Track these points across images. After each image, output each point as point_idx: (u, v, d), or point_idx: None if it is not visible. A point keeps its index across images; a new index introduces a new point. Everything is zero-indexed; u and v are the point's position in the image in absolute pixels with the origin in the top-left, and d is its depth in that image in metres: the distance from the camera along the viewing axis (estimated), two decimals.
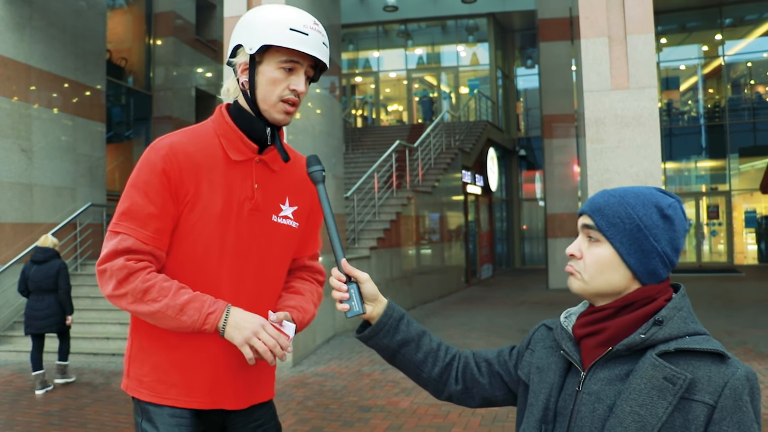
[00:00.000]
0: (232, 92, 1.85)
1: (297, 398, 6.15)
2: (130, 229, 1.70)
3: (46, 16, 10.12)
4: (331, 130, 9.50)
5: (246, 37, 1.74)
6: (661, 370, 1.17)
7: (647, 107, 6.67)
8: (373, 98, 23.27)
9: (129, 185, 1.74)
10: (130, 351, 1.87)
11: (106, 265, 1.70)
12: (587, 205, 1.32)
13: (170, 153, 1.74)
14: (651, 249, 1.26)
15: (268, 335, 1.70)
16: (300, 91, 1.76)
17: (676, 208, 1.29)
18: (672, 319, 1.23)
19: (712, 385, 1.15)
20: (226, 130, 1.82)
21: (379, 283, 10.69)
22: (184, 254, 1.77)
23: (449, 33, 22.25)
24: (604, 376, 1.25)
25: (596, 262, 1.29)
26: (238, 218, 1.80)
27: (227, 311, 1.72)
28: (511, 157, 22.56)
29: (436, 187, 14.31)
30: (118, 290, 1.69)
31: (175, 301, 1.68)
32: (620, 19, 6.81)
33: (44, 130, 10.17)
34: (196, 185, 1.75)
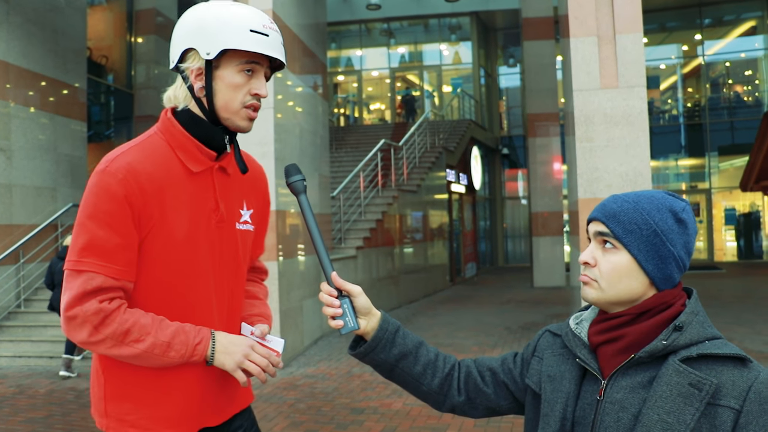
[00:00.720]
0: (182, 100, 1.70)
1: (288, 401, 6.08)
2: (96, 266, 1.53)
3: (24, 13, 9.94)
4: (316, 128, 9.43)
5: (199, 40, 1.61)
6: (685, 377, 1.16)
7: (636, 106, 6.69)
8: (356, 97, 23.21)
9: (84, 217, 1.56)
10: (104, 391, 1.68)
11: (76, 309, 1.53)
12: (600, 212, 1.29)
13: (129, 177, 1.56)
14: (668, 254, 1.25)
15: (259, 356, 1.63)
16: (263, 95, 1.67)
17: (689, 211, 1.28)
18: (691, 324, 1.22)
19: (737, 389, 1.15)
20: (181, 141, 1.66)
21: (364, 283, 10.69)
22: (154, 280, 1.63)
23: (432, 32, 22.24)
24: (626, 384, 1.23)
25: (614, 270, 1.26)
26: (206, 233, 1.69)
27: (213, 338, 1.63)
28: (494, 155, 22.62)
29: (420, 186, 14.29)
30: (94, 336, 1.53)
31: (159, 338, 1.56)
32: (609, 18, 6.82)
33: (23, 129, 9.99)
34: (161, 208, 1.61)
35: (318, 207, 9.36)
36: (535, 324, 9.69)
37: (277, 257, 7.49)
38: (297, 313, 8.12)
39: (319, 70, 9.78)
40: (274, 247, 7.48)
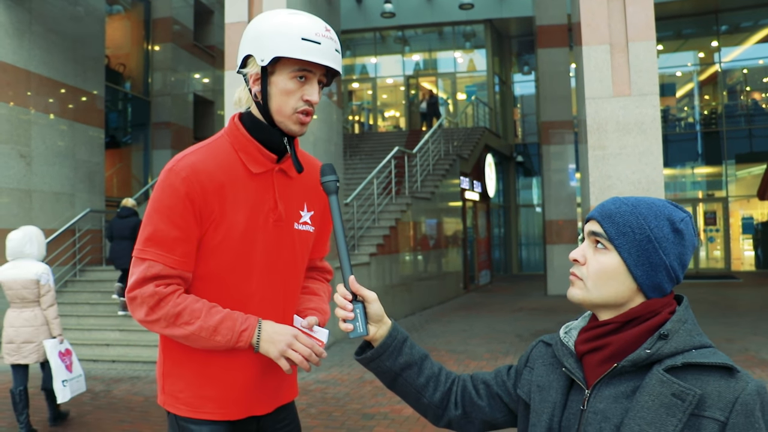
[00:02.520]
0: (245, 102, 1.82)
1: (300, 405, 6.13)
2: (157, 255, 1.68)
3: (45, 22, 10.11)
4: (330, 136, 9.50)
5: (256, 47, 1.70)
6: (669, 387, 1.13)
7: (649, 114, 6.70)
8: (371, 104, 23.29)
9: (151, 210, 1.71)
10: (162, 367, 1.86)
11: (136, 292, 1.68)
12: (597, 211, 1.28)
13: (192, 175, 1.70)
14: (659, 262, 1.22)
15: (302, 345, 1.70)
16: (314, 101, 1.74)
17: (688, 223, 1.26)
18: (677, 332, 1.19)
19: (723, 400, 1.11)
20: (243, 144, 1.78)
21: (378, 289, 10.72)
22: (210, 272, 1.76)
23: (446, 39, 22.29)
24: (609, 393, 1.21)
25: (601, 270, 1.25)
26: (263, 231, 1.79)
27: (259, 326, 1.72)
28: (508, 163, 22.60)
29: (434, 194, 14.32)
30: (150, 316, 1.68)
31: (207, 322, 1.67)
32: (622, 26, 6.83)
33: (43, 136, 10.14)
34: (221, 204, 1.73)
35: None
36: (548, 332, 9.61)
37: None
38: None
39: None
40: None
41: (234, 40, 7.71)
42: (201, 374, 1.79)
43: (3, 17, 9.36)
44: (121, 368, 8.19)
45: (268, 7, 7.65)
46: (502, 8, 20.47)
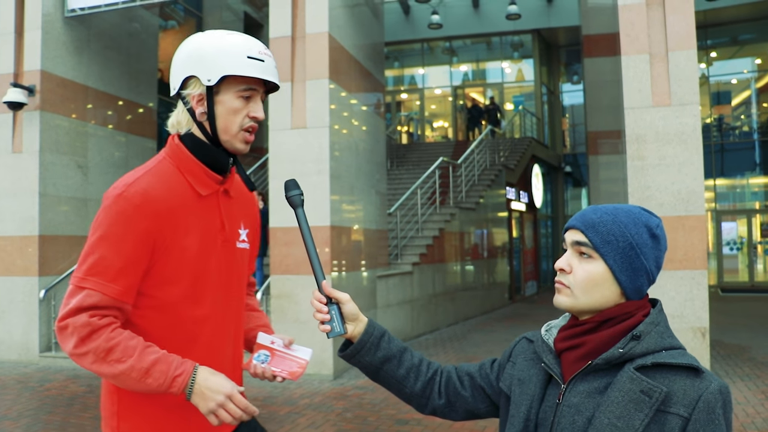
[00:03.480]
0: (184, 124, 1.78)
1: (336, 410, 6.26)
2: (97, 284, 1.60)
3: (103, 39, 10.56)
4: (374, 146, 9.66)
5: (200, 68, 1.70)
6: (638, 384, 1.21)
7: (689, 124, 6.64)
8: (419, 114, 23.42)
9: (98, 237, 1.63)
10: (116, 406, 1.74)
11: (68, 320, 1.60)
12: (579, 221, 1.34)
13: (145, 203, 1.64)
14: (641, 267, 1.29)
15: (235, 407, 1.61)
16: (260, 118, 1.75)
17: (662, 227, 1.34)
18: (649, 334, 1.27)
19: (687, 398, 1.19)
20: (189, 166, 1.75)
21: (420, 299, 10.81)
22: (165, 301, 1.70)
23: (494, 49, 22.29)
24: (583, 389, 1.28)
25: (588, 278, 1.31)
26: (215, 254, 1.78)
27: (194, 374, 1.62)
28: (556, 173, 22.41)
29: (479, 204, 14.33)
30: (79, 348, 1.59)
31: (140, 363, 1.58)
32: (662, 35, 6.80)
33: (99, 147, 10.57)
34: (173, 230, 1.69)
35: (375, 223, 9.57)
36: None
37: (331, 271, 7.70)
38: None
39: (377, 89, 10.02)
40: (329, 261, 7.70)
41: (278, 55, 7.93)
42: (162, 408, 1.72)
43: (65, 36, 9.82)
44: None
45: (311, 25, 7.87)
46: (549, 18, 20.38)
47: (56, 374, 8.37)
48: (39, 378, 8.14)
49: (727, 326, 10.70)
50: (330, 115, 7.79)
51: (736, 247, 20.02)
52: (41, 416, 6.34)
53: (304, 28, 7.92)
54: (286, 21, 7.98)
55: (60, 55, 9.74)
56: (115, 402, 1.74)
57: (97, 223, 1.65)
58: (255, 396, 6.89)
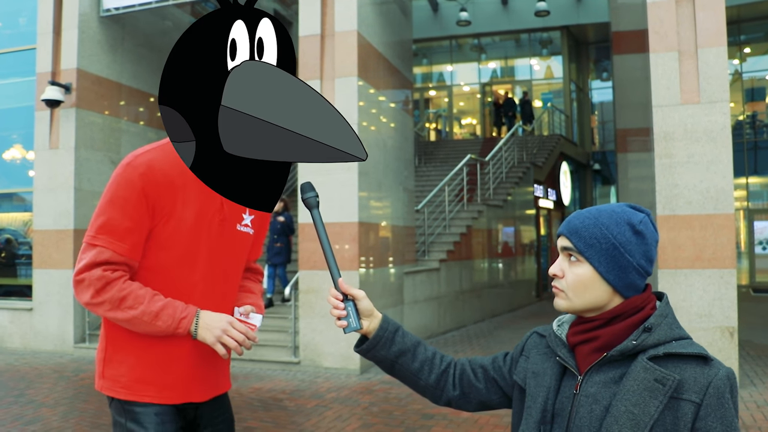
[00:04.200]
0: None
1: (362, 404, 6.35)
2: (107, 242, 1.80)
3: (136, 37, 10.77)
4: (402, 144, 9.72)
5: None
6: (651, 373, 1.28)
7: (719, 122, 6.59)
8: (447, 112, 23.41)
9: (107, 200, 1.83)
10: (104, 353, 1.95)
11: (85, 275, 1.80)
12: (564, 227, 1.42)
13: (148, 171, 1.82)
14: (627, 264, 1.36)
15: (237, 331, 1.86)
16: None
17: (647, 222, 1.39)
18: (659, 326, 1.34)
19: (698, 385, 1.26)
20: None
21: (447, 296, 10.85)
22: (158, 263, 1.89)
23: (522, 46, 22.20)
24: (599, 379, 1.35)
25: (578, 281, 1.38)
26: (209, 229, 1.93)
27: (197, 315, 1.86)
28: (585, 171, 22.27)
29: (507, 201, 14.33)
30: (96, 299, 1.80)
31: (150, 308, 1.80)
32: (691, 32, 6.76)
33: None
34: (172, 201, 1.85)
35: (402, 220, 9.64)
36: None
37: (358, 267, 7.79)
38: None
39: (405, 86, 10.09)
40: (356, 258, 7.79)
41: (307, 53, 8.03)
42: (142, 359, 1.90)
43: (100, 35, 10.05)
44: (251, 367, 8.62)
45: (340, 23, 7.96)
46: (578, 14, 20.24)
47: (90, 365, 8.58)
48: (74, 368, 8.36)
49: (758, 326, 10.58)
50: (358, 113, 7.87)
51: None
52: (77, 405, 6.53)
53: (333, 26, 8.01)
54: (315, 19, 8.08)
55: (95, 54, 9.97)
56: (103, 349, 1.96)
57: (107, 188, 1.85)
58: (283, 389, 7.02)
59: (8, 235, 11.03)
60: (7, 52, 10.93)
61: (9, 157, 10.96)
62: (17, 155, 10.94)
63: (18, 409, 6.30)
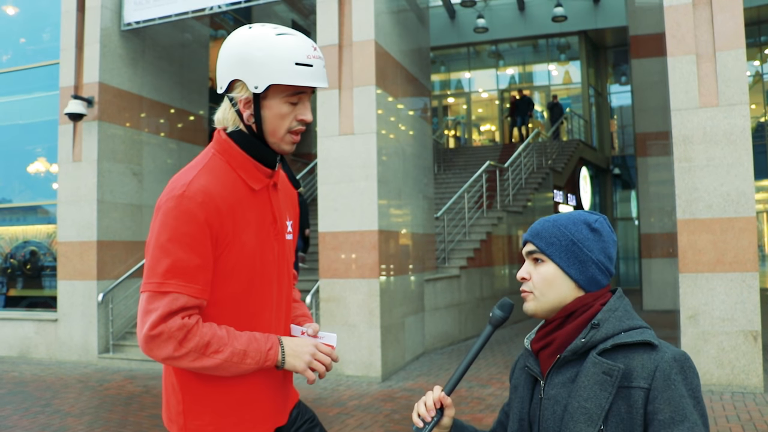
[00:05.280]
0: (231, 122, 1.79)
1: (384, 411, 6.37)
2: (180, 287, 1.63)
3: (156, 50, 10.93)
4: (421, 151, 9.76)
5: (246, 73, 1.69)
6: (600, 366, 1.33)
7: (738, 125, 6.56)
8: (465, 118, 23.42)
9: (167, 239, 1.64)
10: (181, 405, 1.79)
11: (162, 327, 1.61)
12: (527, 234, 1.51)
13: (207, 200, 1.66)
14: (586, 258, 1.44)
15: (323, 355, 1.79)
16: (308, 120, 1.77)
17: (602, 222, 1.48)
18: (608, 320, 1.40)
19: (645, 371, 1.30)
20: (240, 161, 1.77)
21: (468, 303, 10.84)
22: (225, 295, 1.74)
23: (540, 52, 22.17)
24: (558, 381, 1.42)
25: (543, 279, 1.47)
26: (271, 247, 1.83)
27: (281, 343, 1.76)
28: (605, 175, 22.14)
29: (527, 207, 14.30)
30: (179, 351, 1.63)
31: (237, 347, 1.67)
32: (709, 35, 6.73)
33: (153, 155, 10.94)
34: (234, 226, 1.72)
35: (422, 227, 9.67)
36: None
37: (379, 275, 7.82)
38: (398, 329, 8.42)
39: (423, 94, 10.13)
40: (377, 266, 7.82)
41: (326, 63, 8.08)
42: (225, 403, 1.78)
43: (121, 49, 10.21)
44: None
45: (358, 32, 8.02)
46: (596, 19, 20.18)
47: (114, 375, 8.69)
48: (98, 378, 8.47)
49: None
50: (377, 121, 7.92)
51: None
52: (101, 414, 6.61)
53: (351, 35, 8.08)
54: (333, 29, 8.15)
55: (116, 67, 10.13)
56: (180, 401, 1.79)
57: (161, 226, 1.66)
58: (305, 397, 7.05)
59: (33, 247, 11.20)
60: (31, 68, 11.14)
61: (33, 170, 11.15)
62: (41, 168, 11.13)
63: (45, 419, 6.40)
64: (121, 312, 10.00)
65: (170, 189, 1.70)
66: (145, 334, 1.62)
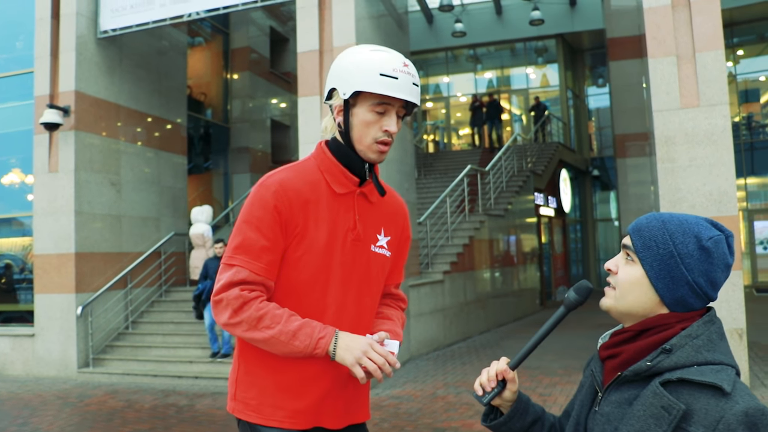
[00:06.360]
0: (330, 130, 1.94)
1: (373, 420, 6.29)
2: (244, 262, 1.80)
3: (133, 58, 10.78)
4: (403, 157, 9.71)
5: (339, 82, 1.83)
6: (660, 399, 1.19)
7: (719, 125, 6.59)
8: (444, 123, 23.44)
9: (241, 221, 1.84)
10: (236, 374, 1.95)
11: (222, 295, 1.79)
12: (632, 225, 1.36)
13: (280, 190, 1.83)
14: (681, 277, 1.27)
15: (377, 354, 1.77)
16: (392, 132, 1.84)
17: (718, 242, 1.28)
18: (682, 347, 1.24)
19: (708, 418, 1.15)
20: (328, 166, 1.90)
21: (452, 307, 10.80)
22: (290, 283, 1.86)
23: (518, 55, 22.26)
24: (615, 399, 1.30)
25: (627, 280, 1.32)
26: (342, 248, 1.89)
27: (336, 335, 1.79)
28: (584, 177, 22.27)
29: (508, 210, 14.31)
30: (233, 318, 1.78)
31: (287, 327, 1.76)
32: (688, 37, 6.77)
33: (131, 164, 10.78)
34: (305, 219, 1.85)
35: None
36: None
37: None
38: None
39: None
40: None
41: (306, 68, 8.03)
42: (273, 383, 1.88)
43: (98, 57, 10.06)
44: (203, 384, 8.58)
45: (338, 37, 7.96)
46: (573, 22, 20.30)
47: (95, 390, 8.52)
48: (78, 393, 8.30)
49: (763, 327, 10.54)
50: None
51: None
52: (82, 431, 6.46)
53: (331, 41, 8.01)
54: (313, 35, 8.08)
55: (93, 76, 9.98)
56: (236, 371, 1.95)
57: (242, 210, 1.87)
58: None
59: (8, 260, 10.99)
60: (4, 77, 10.95)
61: (8, 181, 10.94)
62: (16, 179, 10.92)
63: None
64: (101, 325, 9.83)
65: (258, 180, 1.90)
66: (211, 299, 1.82)
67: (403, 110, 1.87)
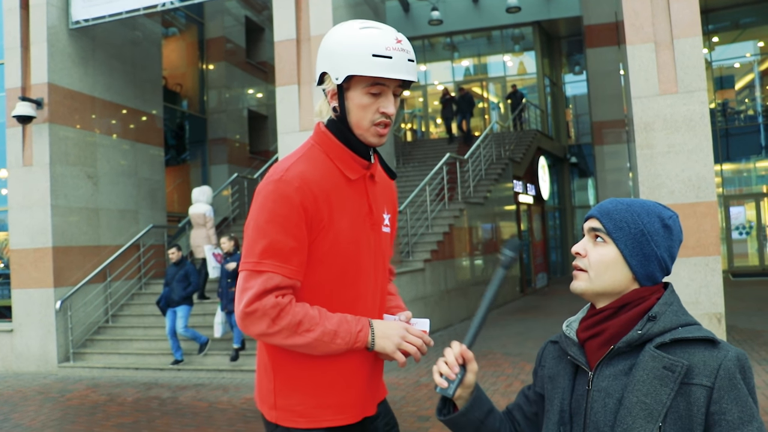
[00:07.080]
0: (325, 113, 1.85)
1: None
2: (275, 267, 1.69)
3: (107, 49, 10.62)
4: (382, 145, 9.67)
5: (330, 65, 1.75)
6: (660, 361, 1.28)
7: (697, 111, 6.65)
8: (422, 111, 23.42)
9: (264, 221, 1.71)
10: (273, 384, 1.84)
11: (257, 305, 1.68)
12: (596, 210, 1.44)
13: (304, 185, 1.72)
14: (651, 253, 1.38)
15: (414, 336, 1.79)
16: (390, 113, 1.77)
17: (675, 220, 1.43)
18: (664, 314, 1.35)
19: (708, 368, 1.26)
20: (337, 152, 1.82)
21: (433, 295, 10.82)
22: (318, 279, 1.78)
23: (495, 43, 22.28)
24: (609, 372, 1.36)
25: (601, 260, 1.40)
26: (367, 237, 1.85)
27: (371, 325, 1.77)
28: (562, 164, 22.39)
29: (487, 198, 14.34)
30: (272, 328, 1.69)
31: (327, 327, 1.71)
32: (666, 24, 6.81)
33: (107, 156, 10.64)
34: (329, 212, 1.76)
35: None
36: None
37: None
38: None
39: None
40: None
41: (283, 57, 7.97)
42: (318, 384, 1.81)
43: (70, 48, 9.89)
44: (186, 376, 8.52)
45: (315, 25, 7.90)
46: (549, 9, 20.35)
47: (76, 384, 8.44)
48: (59, 388, 8.21)
49: (740, 311, 10.71)
50: None
51: (745, 232, 19.97)
52: (65, 426, 6.40)
53: (308, 30, 7.95)
54: (290, 24, 8.01)
55: (66, 67, 9.81)
56: (271, 380, 1.84)
57: (260, 209, 1.73)
58: None
59: None
60: None
61: None
62: None
63: None
64: (81, 319, 9.72)
65: (270, 175, 1.76)
66: (242, 311, 1.70)
67: (400, 89, 1.79)
